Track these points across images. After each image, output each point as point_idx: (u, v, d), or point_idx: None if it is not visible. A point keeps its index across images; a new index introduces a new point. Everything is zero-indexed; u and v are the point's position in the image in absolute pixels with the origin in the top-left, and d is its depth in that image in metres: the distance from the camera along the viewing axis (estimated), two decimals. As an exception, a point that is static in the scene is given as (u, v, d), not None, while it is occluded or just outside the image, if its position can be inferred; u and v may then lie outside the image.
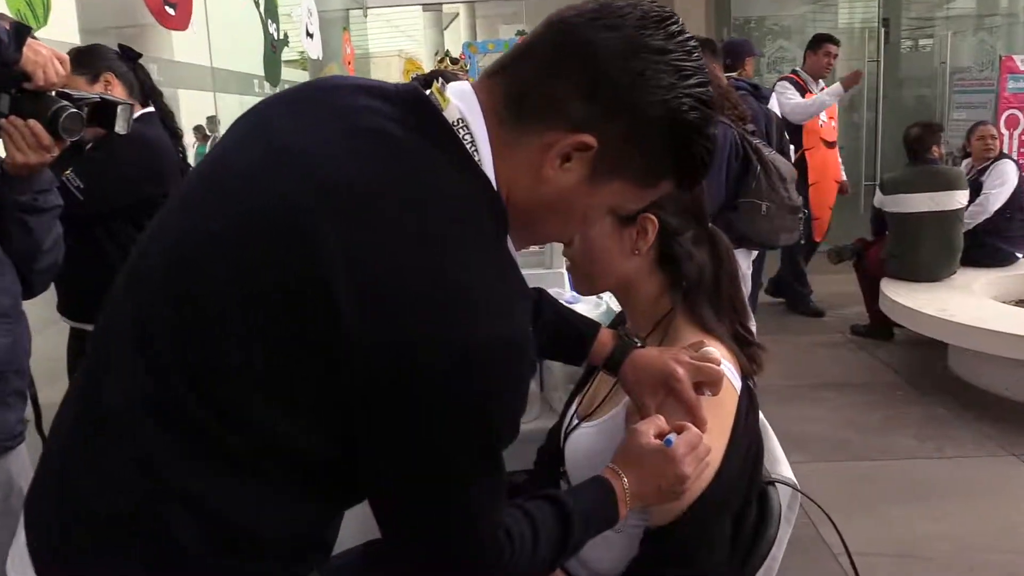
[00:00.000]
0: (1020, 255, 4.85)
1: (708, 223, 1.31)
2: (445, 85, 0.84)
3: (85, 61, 2.14)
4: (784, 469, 1.35)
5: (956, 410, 3.77)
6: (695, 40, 0.83)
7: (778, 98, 4.87)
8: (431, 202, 0.76)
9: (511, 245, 0.85)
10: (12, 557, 0.86)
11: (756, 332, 1.39)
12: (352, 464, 0.80)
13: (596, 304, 1.90)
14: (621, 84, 0.78)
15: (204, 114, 6.02)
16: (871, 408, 3.83)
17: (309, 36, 5.96)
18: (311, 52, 6.15)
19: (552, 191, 0.83)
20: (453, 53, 8.68)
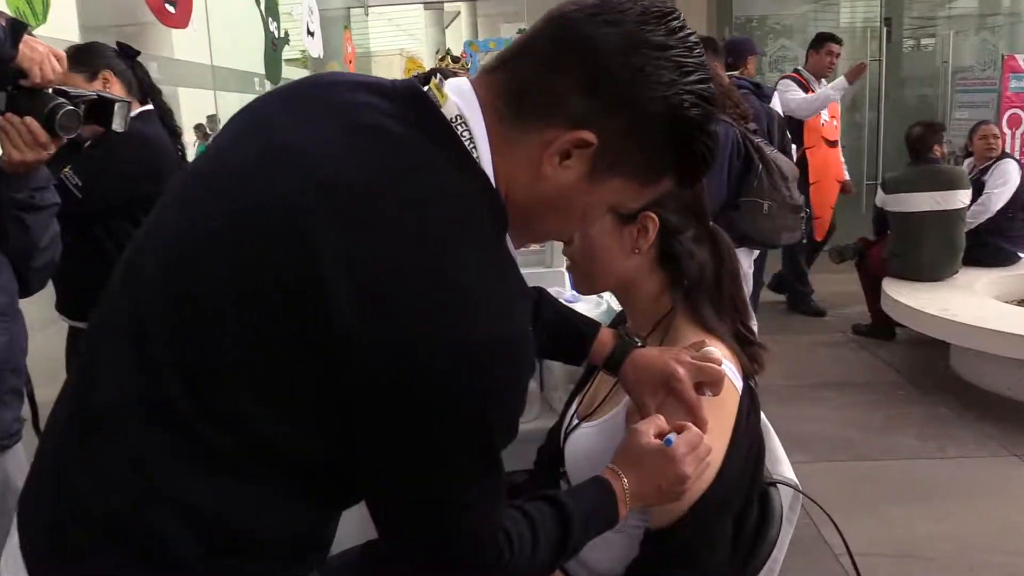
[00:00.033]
0: (1022, 255, 4.84)
1: (709, 221, 1.30)
2: (443, 81, 0.83)
3: (83, 59, 2.14)
4: (785, 469, 1.35)
5: (958, 410, 3.76)
6: (696, 36, 0.83)
7: (781, 96, 4.86)
8: (431, 201, 0.76)
9: (510, 244, 0.84)
10: (5, 557, 0.85)
11: (757, 331, 1.38)
12: (350, 465, 0.79)
13: (597, 303, 1.89)
14: (621, 80, 0.77)
15: (204, 112, 6.03)
16: (873, 408, 3.83)
17: (310, 34, 5.95)
18: (312, 51, 6.14)
19: (551, 188, 0.82)
20: (454, 52, 8.66)
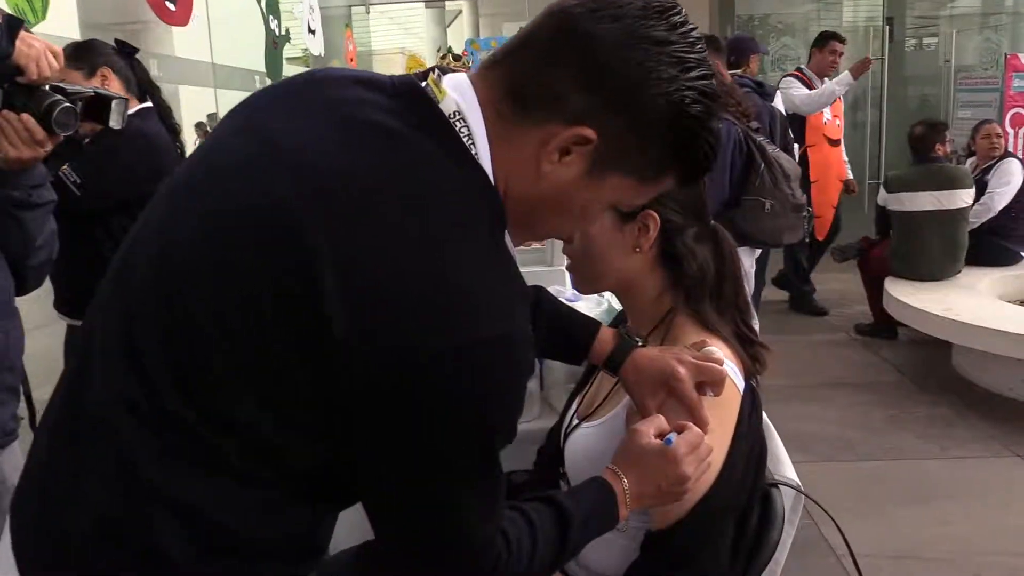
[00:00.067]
0: (1025, 254, 4.83)
1: (710, 220, 1.29)
2: (441, 77, 0.82)
3: (82, 56, 2.13)
4: (787, 470, 1.34)
5: (960, 410, 3.75)
6: (698, 32, 0.82)
7: (785, 93, 4.86)
8: (430, 199, 0.74)
9: (509, 242, 0.83)
10: None
11: (759, 331, 1.37)
12: (349, 468, 0.78)
13: (597, 302, 1.87)
14: (621, 76, 0.76)
15: (205, 110, 6.02)
16: (874, 408, 3.82)
17: (311, 32, 5.94)
18: (313, 49, 6.13)
19: (550, 186, 0.80)
20: (456, 50, 8.65)
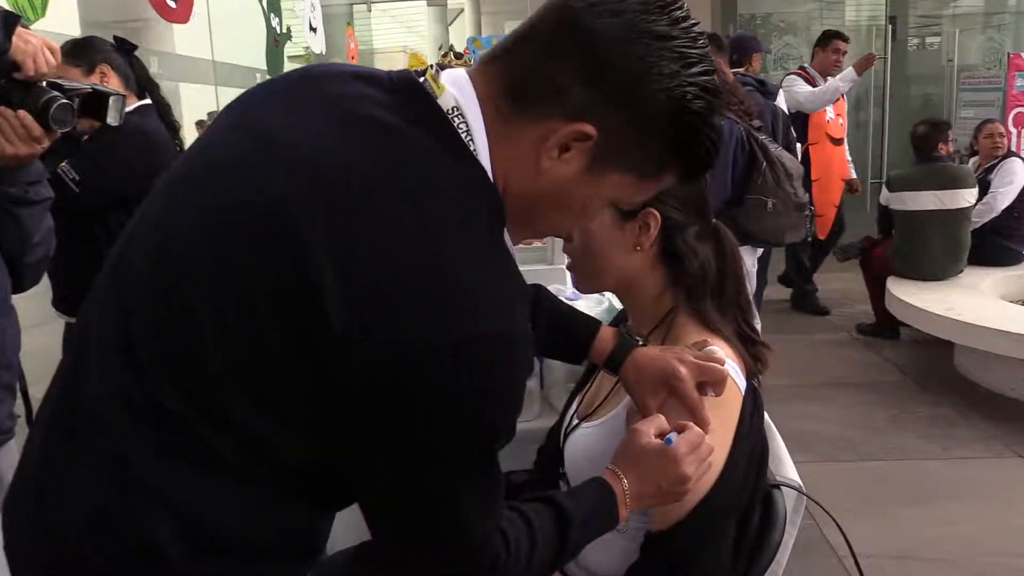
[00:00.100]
0: (1028, 254, 4.81)
1: (712, 218, 1.28)
2: (439, 72, 0.81)
3: (80, 53, 2.13)
4: (789, 470, 1.33)
5: (963, 410, 3.74)
6: (700, 27, 0.80)
7: (788, 91, 4.84)
8: (428, 194, 0.74)
9: (508, 239, 0.82)
10: None
11: (760, 330, 1.36)
12: (348, 466, 0.77)
13: (598, 301, 1.86)
14: (622, 71, 0.75)
15: (206, 108, 6.00)
16: (876, 408, 3.81)
17: (312, 30, 5.94)
18: (314, 47, 6.13)
19: (550, 182, 0.80)
20: (457, 48, 8.64)
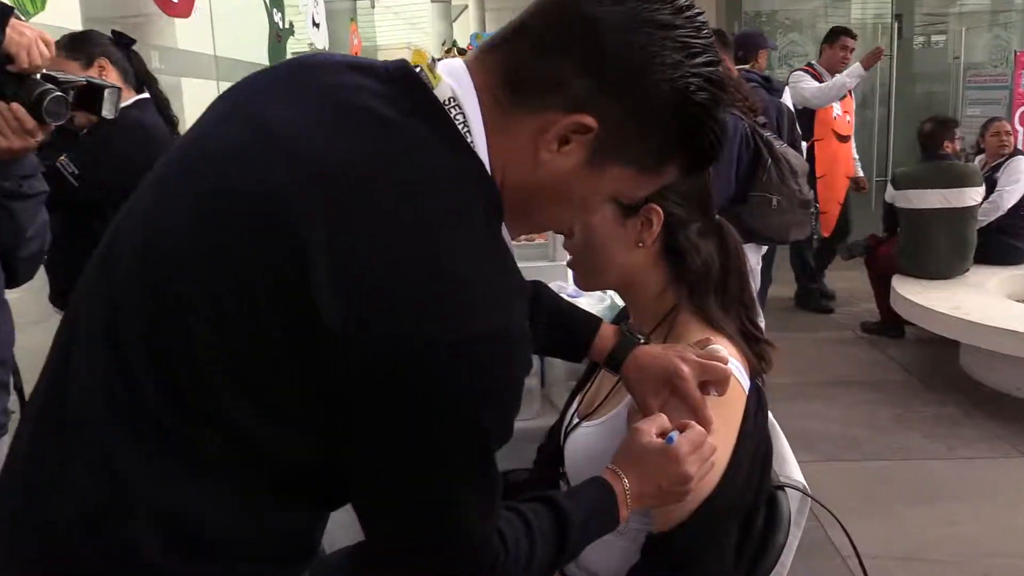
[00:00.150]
0: (1034, 253, 4.78)
1: (715, 214, 1.26)
2: (436, 62, 0.79)
3: (78, 47, 2.12)
4: (793, 470, 1.31)
5: (968, 410, 3.72)
6: (704, 17, 0.78)
7: (795, 87, 4.82)
8: (425, 187, 0.72)
9: (506, 234, 0.80)
10: None
11: (764, 329, 1.34)
12: (346, 466, 0.75)
13: (600, 299, 1.85)
14: (623, 60, 0.73)
15: (207, 103, 5.98)
16: (881, 407, 3.79)
17: (315, 26, 5.91)
18: (317, 42, 6.10)
19: (549, 175, 0.78)
20: (460, 44, 8.63)
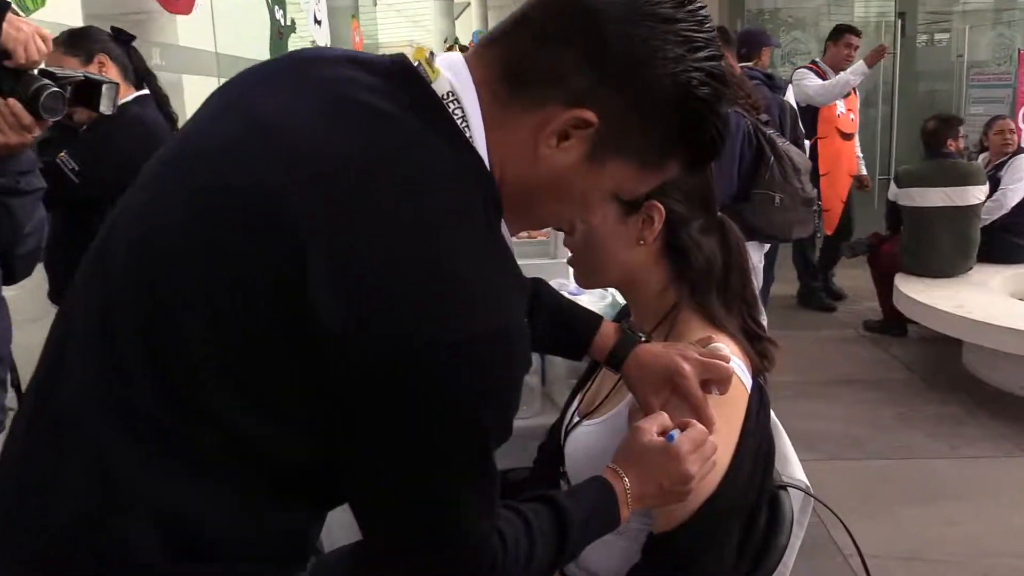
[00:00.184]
0: (1038, 251, 4.76)
1: (717, 211, 1.25)
2: (434, 57, 0.78)
3: (78, 43, 2.11)
4: (795, 470, 1.30)
5: (971, 409, 3.71)
6: (707, 11, 0.77)
7: (798, 85, 4.81)
8: (424, 185, 0.71)
9: (505, 231, 0.79)
10: None
11: (766, 327, 1.33)
12: (336, 464, 0.74)
13: (601, 296, 1.84)
14: (625, 53, 0.72)
15: (209, 101, 5.96)
16: (883, 406, 3.77)
17: (317, 23, 5.90)
18: (319, 40, 6.08)
19: (548, 171, 0.77)
20: (463, 43, 8.62)
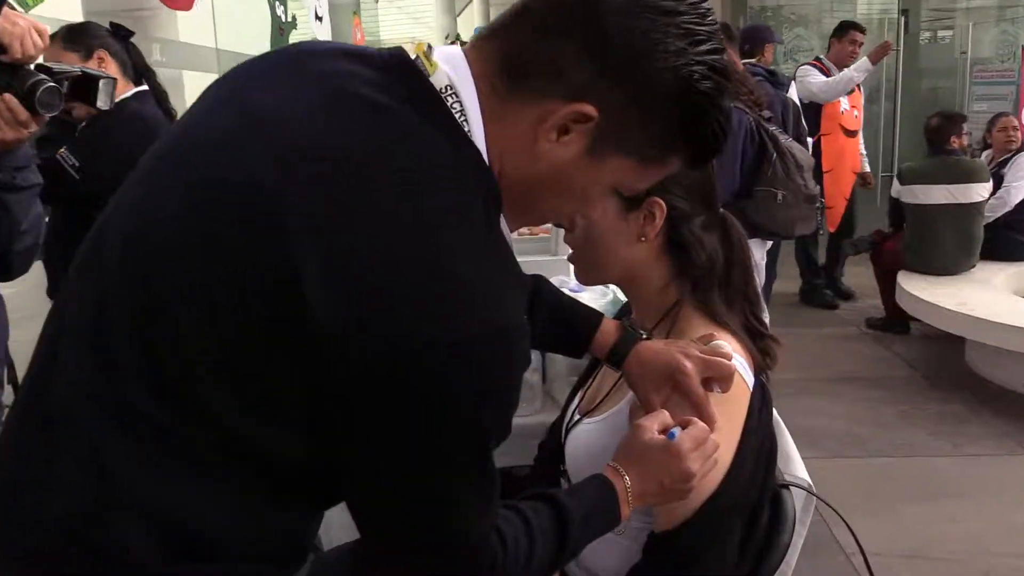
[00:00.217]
0: (1041, 249, 4.74)
1: (719, 208, 1.24)
2: (432, 50, 0.77)
3: (77, 39, 2.11)
4: (798, 468, 1.29)
5: (973, 406, 3.70)
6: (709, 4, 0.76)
7: (801, 81, 4.80)
8: (423, 182, 0.70)
9: (504, 227, 0.78)
10: None
11: (768, 324, 1.32)
12: (334, 464, 0.73)
13: (602, 293, 1.83)
14: (625, 45, 0.71)
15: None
16: (885, 403, 3.76)
17: (318, 19, 5.89)
18: (320, 36, 6.08)
19: (548, 166, 0.76)
20: (464, 38, 8.60)
